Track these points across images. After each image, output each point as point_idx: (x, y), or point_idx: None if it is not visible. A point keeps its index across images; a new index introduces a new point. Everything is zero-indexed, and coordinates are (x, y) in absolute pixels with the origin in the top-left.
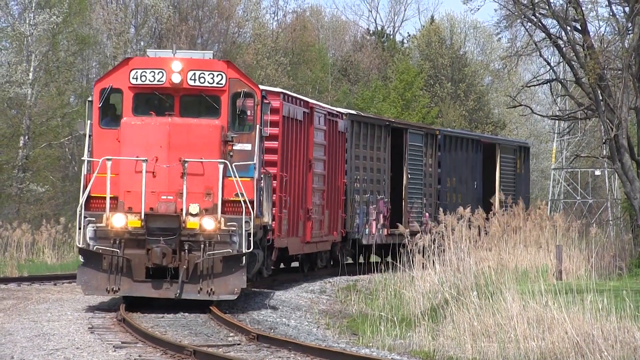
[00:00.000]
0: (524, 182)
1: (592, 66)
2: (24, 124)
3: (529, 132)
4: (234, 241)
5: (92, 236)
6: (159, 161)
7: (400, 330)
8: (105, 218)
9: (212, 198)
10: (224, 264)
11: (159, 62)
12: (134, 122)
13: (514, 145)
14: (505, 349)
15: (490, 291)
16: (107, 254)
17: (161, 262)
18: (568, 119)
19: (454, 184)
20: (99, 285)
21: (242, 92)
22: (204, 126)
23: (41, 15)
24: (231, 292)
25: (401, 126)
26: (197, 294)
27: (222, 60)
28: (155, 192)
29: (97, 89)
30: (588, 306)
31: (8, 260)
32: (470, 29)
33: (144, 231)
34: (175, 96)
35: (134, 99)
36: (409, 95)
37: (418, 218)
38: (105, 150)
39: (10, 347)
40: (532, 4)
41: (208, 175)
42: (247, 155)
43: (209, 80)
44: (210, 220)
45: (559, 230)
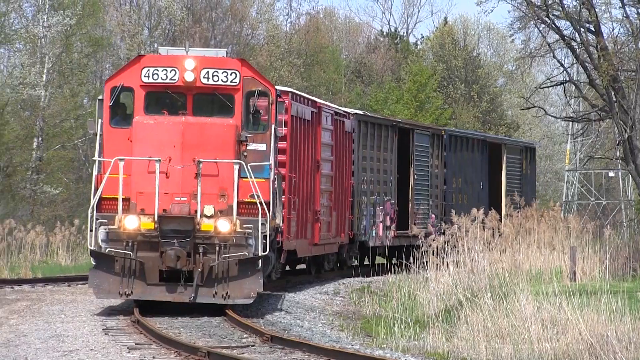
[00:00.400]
0: (530, 183)
1: (606, 67)
2: (37, 125)
3: (543, 133)
4: (249, 244)
5: (104, 238)
6: (173, 161)
7: (414, 331)
8: (117, 220)
9: (227, 199)
10: (239, 267)
11: (172, 60)
12: (146, 121)
13: (520, 146)
14: (519, 351)
15: (504, 293)
16: (119, 256)
17: (175, 265)
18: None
19: (460, 185)
20: (112, 289)
21: (257, 91)
22: (219, 125)
23: (55, 17)
24: (247, 296)
25: (408, 126)
26: (212, 297)
27: (236, 58)
28: (169, 193)
29: (107, 87)
30: (602, 307)
31: (22, 262)
32: (484, 31)
33: (157, 233)
34: (188, 95)
35: (146, 97)
36: (423, 96)
37: (424, 220)
38: (116, 150)
39: (25, 348)
40: (546, 6)
41: (223, 176)
42: (262, 156)
43: (223, 79)
44: (226, 222)
45: (572, 231)
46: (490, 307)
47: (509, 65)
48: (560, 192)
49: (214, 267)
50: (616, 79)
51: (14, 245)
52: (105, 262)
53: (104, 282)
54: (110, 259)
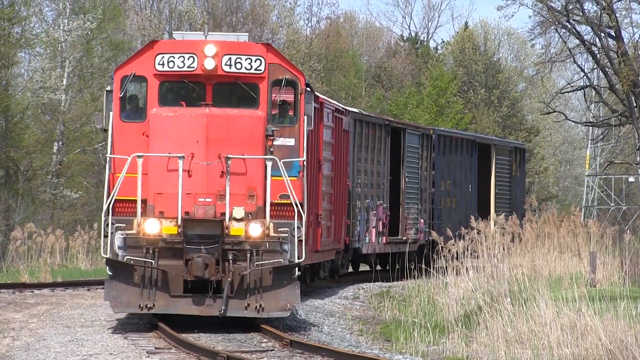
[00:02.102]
0: (520, 185)
1: (626, 73)
2: (57, 129)
3: (563, 138)
4: (284, 249)
5: (122, 245)
6: (196, 158)
7: (433, 336)
8: (136, 224)
9: (256, 200)
10: (274, 276)
11: (190, 46)
12: (165, 114)
13: (509, 147)
14: (539, 356)
15: (524, 298)
16: (139, 265)
17: (203, 274)
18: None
19: (449, 188)
20: (130, 301)
21: (284, 80)
22: (246, 118)
23: (75, 21)
24: (283, 309)
25: (400, 126)
26: (243, 310)
27: (261, 43)
28: (192, 193)
29: (117, 76)
30: (622, 313)
31: (42, 266)
32: (504, 36)
33: (181, 239)
34: (208, 84)
35: (160, 87)
36: (443, 101)
37: (415, 224)
38: (127, 147)
39: (44, 352)
40: (566, 11)
41: (251, 174)
42: (290, 152)
43: (247, 66)
44: (258, 226)
45: (592, 237)
46: (509, 312)
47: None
48: (580, 197)
49: (245, 277)
50: (637, 84)
51: (34, 249)
52: (122, 271)
53: (122, 294)
54: (129, 268)
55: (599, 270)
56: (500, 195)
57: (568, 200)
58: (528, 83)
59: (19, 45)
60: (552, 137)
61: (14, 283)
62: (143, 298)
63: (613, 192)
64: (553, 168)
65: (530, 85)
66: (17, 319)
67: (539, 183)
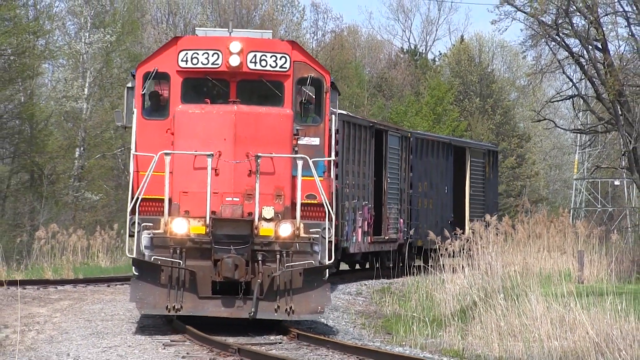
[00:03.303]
0: (493, 187)
1: (612, 83)
2: (79, 136)
3: (553, 144)
4: (315, 251)
5: (148, 244)
6: (223, 156)
7: (431, 330)
8: (163, 223)
9: (283, 200)
10: (304, 278)
11: (214, 42)
12: (191, 111)
13: (483, 149)
14: (530, 348)
15: (516, 294)
16: (167, 265)
17: (233, 275)
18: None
19: (426, 189)
20: (157, 303)
21: (309, 78)
22: (274, 116)
23: (96, 34)
24: (314, 311)
25: (382, 128)
26: (273, 313)
27: (286, 40)
28: (219, 192)
29: (139, 73)
30: (608, 308)
31: (65, 264)
32: (498, 48)
33: (209, 239)
34: (232, 82)
35: (183, 84)
36: (440, 109)
37: (395, 224)
38: (150, 144)
39: (67, 344)
40: (556, 25)
41: (279, 173)
42: (314, 151)
43: (272, 64)
44: (288, 226)
45: (580, 236)
46: (503, 307)
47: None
48: (568, 199)
49: (275, 278)
50: (622, 94)
51: (57, 248)
52: (149, 271)
53: (148, 294)
54: (155, 269)
55: (586, 267)
56: (475, 197)
57: (557, 202)
58: (520, 92)
59: (43, 56)
60: (543, 143)
61: (38, 280)
62: (170, 299)
63: (600, 194)
64: (543, 172)
65: (522, 94)
66: (41, 313)
67: (530, 186)
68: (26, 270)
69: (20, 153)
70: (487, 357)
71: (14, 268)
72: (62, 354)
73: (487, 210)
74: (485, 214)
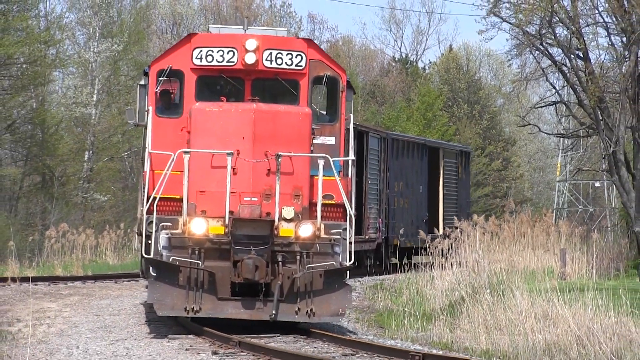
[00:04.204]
0: (465, 187)
1: (593, 90)
2: (88, 140)
3: (537, 148)
4: (336, 252)
5: (166, 245)
6: (241, 155)
7: (421, 324)
8: (181, 223)
9: (301, 200)
10: (325, 280)
11: (230, 40)
12: (209, 109)
13: (456, 150)
14: (515, 341)
15: (502, 289)
16: (186, 266)
17: (253, 276)
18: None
19: (402, 189)
20: (176, 304)
21: (325, 76)
22: (294, 114)
23: (104, 44)
24: (335, 314)
25: (364, 129)
26: (294, 315)
27: (302, 38)
28: (237, 192)
29: (153, 70)
30: (589, 303)
31: (74, 261)
32: (485, 57)
33: (228, 239)
34: (247, 80)
35: (197, 82)
36: (430, 115)
37: (375, 224)
38: (164, 142)
39: (76, 337)
40: (540, 35)
41: (298, 173)
42: (330, 150)
43: (287, 62)
44: (309, 227)
45: (563, 235)
46: (489, 302)
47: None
48: (552, 200)
49: (296, 280)
50: (602, 100)
51: (67, 246)
52: (167, 272)
53: (166, 296)
54: (173, 270)
55: (568, 264)
56: (448, 196)
57: (541, 203)
58: (505, 99)
59: (54, 65)
60: (527, 147)
61: (49, 276)
62: (189, 301)
63: (581, 195)
64: (528, 174)
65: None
66: (52, 308)
67: (515, 188)
68: (38, 268)
69: (32, 156)
70: (475, 349)
71: (26, 265)
72: (71, 347)
73: (460, 208)
74: (459, 212)
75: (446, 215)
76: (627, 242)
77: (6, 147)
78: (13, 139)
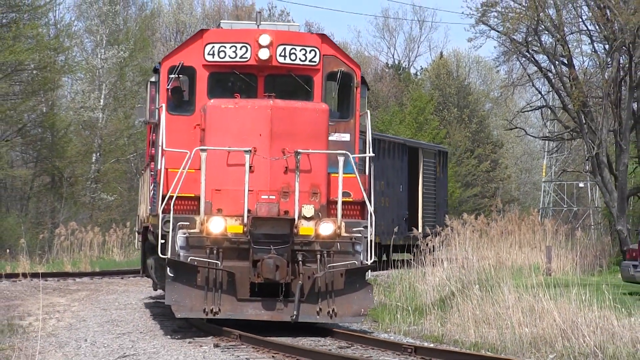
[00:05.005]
0: (443, 186)
1: (577, 95)
2: (95, 143)
3: (523, 150)
4: (357, 250)
5: (184, 244)
6: (258, 152)
7: (413, 318)
8: (199, 222)
9: (319, 198)
10: (346, 279)
11: (242, 35)
12: (224, 106)
13: (434, 150)
14: (503, 334)
15: (490, 285)
16: (204, 266)
17: (274, 276)
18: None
19: (383, 188)
20: (194, 305)
21: (339, 72)
22: (311, 111)
23: (110, 51)
24: (357, 314)
25: None
26: (316, 316)
27: (316, 33)
28: (254, 190)
29: (164, 67)
30: (573, 298)
31: (82, 258)
32: (474, 63)
33: (247, 238)
34: (259, 76)
35: (209, 79)
36: (422, 119)
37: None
38: (175, 140)
39: (84, 331)
40: (526, 42)
41: (315, 170)
42: (345, 147)
43: (301, 57)
44: (330, 225)
45: (548, 233)
46: (478, 297)
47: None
48: (538, 200)
49: (317, 279)
50: (586, 104)
51: (75, 243)
52: (184, 273)
53: (184, 297)
54: (191, 270)
55: (553, 261)
56: (427, 195)
57: (528, 202)
58: (494, 103)
59: (63, 71)
60: (514, 149)
61: (58, 272)
62: (208, 302)
63: (566, 195)
64: (515, 175)
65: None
66: (61, 302)
67: (503, 188)
68: (47, 264)
69: (42, 158)
70: (464, 342)
71: (36, 262)
72: (80, 340)
73: (438, 207)
74: (437, 210)
75: (425, 214)
76: (609, 240)
77: (17, 149)
78: (24, 141)
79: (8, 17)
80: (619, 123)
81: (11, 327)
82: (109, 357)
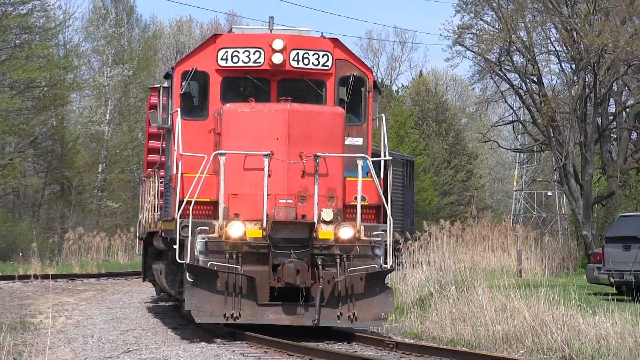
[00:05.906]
0: (410, 193)
1: (546, 110)
2: (102, 154)
3: (496, 161)
4: (376, 254)
5: (203, 249)
6: (275, 156)
7: (395, 316)
8: (217, 227)
9: (336, 201)
10: (366, 283)
11: (256, 40)
12: (240, 110)
13: (402, 159)
14: (477, 331)
15: (466, 286)
16: (224, 271)
17: (295, 280)
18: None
19: None
20: (214, 311)
21: (352, 76)
22: (327, 114)
23: (116, 69)
24: (377, 318)
25: None
26: (336, 320)
27: (328, 38)
28: (271, 194)
29: (178, 72)
30: (542, 298)
31: (89, 261)
32: (451, 81)
33: (266, 243)
34: (272, 81)
35: (223, 83)
36: (402, 132)
37: None
38: (190, 145)
39: (91, 328)
40: (499, 62)
41: (332, 174)
42: (358, 151)
43: (314, 62)
44: (349, 229)
45: (519, 238)
46: (454, 297)
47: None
48: (509, 207)
49: (337, 284)
50: (554, 119)
51: (83, 247)
52: (204, 278)
53: (204, 302)
54: (211, 275)
55: (524, 264)
56: (395, 202)
57: (500, 210)
58: (469, 118)
59: (72, 88)
60: (488, 160)
61: (67, 274)
62: (228, 307)
63: (535, 203)
64: (488, 184)
65: (471, 120)
66: (70, 302)
67: (477, 196)
68: (57, 266)
69: (52, 168)
70: (442, 338)
71: (47, 264)
72: (87, 336)
73: (406, 213)
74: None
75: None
76: (575, 244)
77: (29, 160)
78: (35, 153)
79: (21, 38)
80: (584, 136)
81: (23, 324)
82: (113, 352)
